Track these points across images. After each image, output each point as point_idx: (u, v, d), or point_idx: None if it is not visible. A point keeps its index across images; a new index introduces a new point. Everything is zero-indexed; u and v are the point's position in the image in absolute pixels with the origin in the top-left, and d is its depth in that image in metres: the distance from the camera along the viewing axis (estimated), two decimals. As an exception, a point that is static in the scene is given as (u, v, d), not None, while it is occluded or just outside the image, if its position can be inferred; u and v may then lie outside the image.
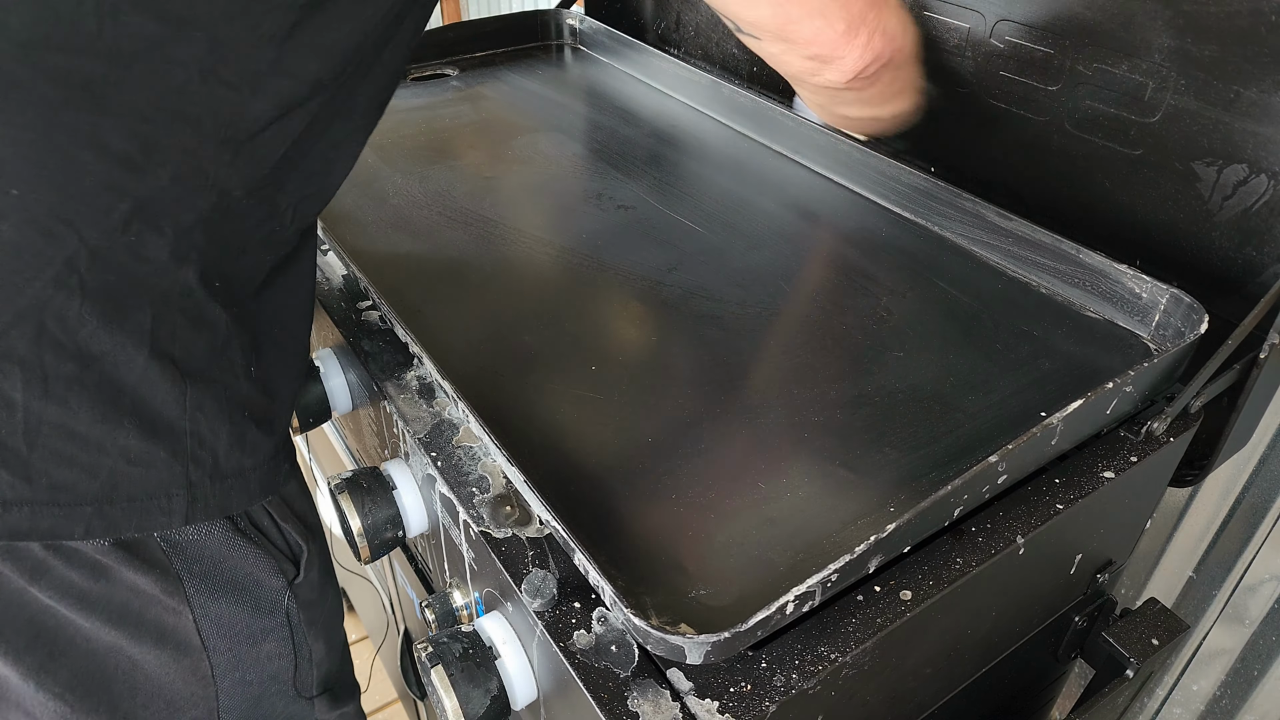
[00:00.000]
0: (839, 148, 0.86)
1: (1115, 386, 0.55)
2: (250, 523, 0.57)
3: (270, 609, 0.60)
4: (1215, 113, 0.64)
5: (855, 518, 0.52)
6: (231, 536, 0.56)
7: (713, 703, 0.44)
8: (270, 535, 0.59)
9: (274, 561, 0.59)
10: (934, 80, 0.79)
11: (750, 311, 0.70)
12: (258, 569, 0.58)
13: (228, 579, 0.57)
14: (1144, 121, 0.69)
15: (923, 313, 0.70)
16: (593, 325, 0.69)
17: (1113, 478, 0.57)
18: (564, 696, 0.48)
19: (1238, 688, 1.02)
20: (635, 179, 0.88)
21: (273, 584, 0.59)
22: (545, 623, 0.47)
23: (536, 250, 0.78)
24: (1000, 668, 0.64)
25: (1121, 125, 0.71)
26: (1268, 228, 0.64)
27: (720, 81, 0.98)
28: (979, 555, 0.51)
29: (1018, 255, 0.74)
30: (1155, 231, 0.71)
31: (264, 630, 0.60)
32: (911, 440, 0.58)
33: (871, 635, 0.47)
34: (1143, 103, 0.68)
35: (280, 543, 0.60)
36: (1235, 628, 0.99)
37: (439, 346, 0.66)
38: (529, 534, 0.52)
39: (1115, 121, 0.71)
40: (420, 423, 0.60)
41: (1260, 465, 0.91)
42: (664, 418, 0.60)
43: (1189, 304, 0.63)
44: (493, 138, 0.97)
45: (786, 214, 0.83)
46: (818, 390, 0.62)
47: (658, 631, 0.42)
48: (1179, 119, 0.67)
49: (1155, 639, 0.67)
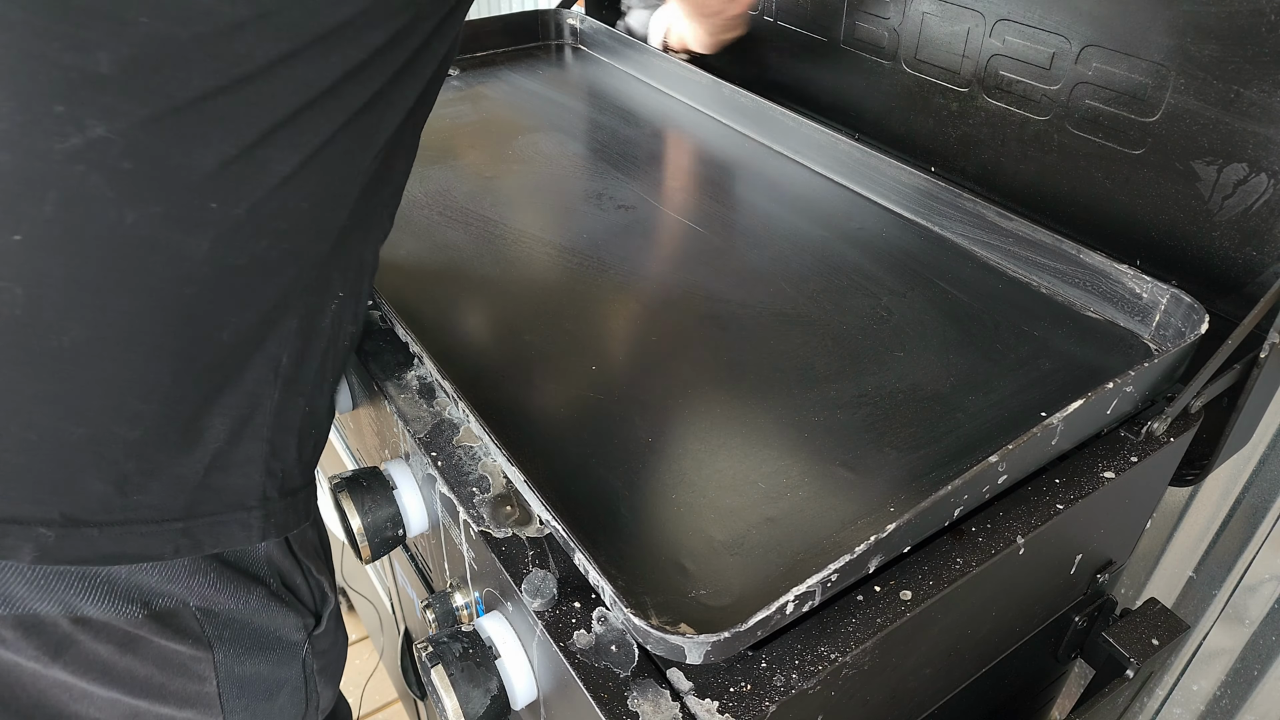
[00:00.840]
0: (839, 148, 0.86)
1: (1115, 386, 0.55)
2: (283, 584, 0.56)
3: (289, 662, 0.59)
4: (1215, 112, 0.64)
5: (855, 518, 0.52)
6: (267, 601, 0.55)
7: (713, 703, 0.44)
8: (300, 593, 0.58)
9: (299, 618, 0.58)
10: (935, 80, 0.79)
11: (750, 311, 0.70)
12: (285, 627, 0.57)
13: (256, 641, 0.56)
14: (1144, 121, 0.69)
15: (923, 313, 0.70)
16: (593, 325, 0.69)
17: (1113, 478, 0.57)
18: (564, 696, 0.48)
19: (1238, 688, 1.02)
20: (635, 179, 0.88)
21: (295, 639, 0.59)
22: (545, 623, 0.47)
23: (536, 250, 0.78)
24: (1000, 668, 0.64)
25: (1121, 125, 0.71)
26: (1268, 227, 0.63)
27: (720, 81, 0.98)
28: (979, 555, 0.51)
29: (1018, 255, 0.74)
30: (1155, 231, 0.71)
31: (280, 683, 0.59)
32: (911, 440, 0.58)
33: (871, 635, 0.46)
34: (1143, 102, 0.68)
35: (308, 598, 0.59)
36: (1235, 628, 0.99)
37: (439, 346, 0.66)
38: (529, 534, 0.52)
39: (1115, 121, 0.71)
40: (420, 423, 0.60)
41: (1260, 465, 0.90)
42: (664, 418, 0.60)
43: (1189, 304, 0.63)
44: (493, 138, 0.97)
45: (786, 214, 0.83)
46: (818, 390, 0.62)
47: (658, 631, 0.42)
48: (1179, 118, 0.67)
49: (1155, 639, 0.67)
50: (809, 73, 1.00)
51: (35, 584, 0.47)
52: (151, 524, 0.47)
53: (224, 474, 0.49)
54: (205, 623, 0.53)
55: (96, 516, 0.46)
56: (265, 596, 0.55)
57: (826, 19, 0.94)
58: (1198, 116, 0.65)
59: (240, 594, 0.53)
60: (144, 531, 0.47)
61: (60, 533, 0.45)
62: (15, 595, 0.47)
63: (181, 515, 0.48)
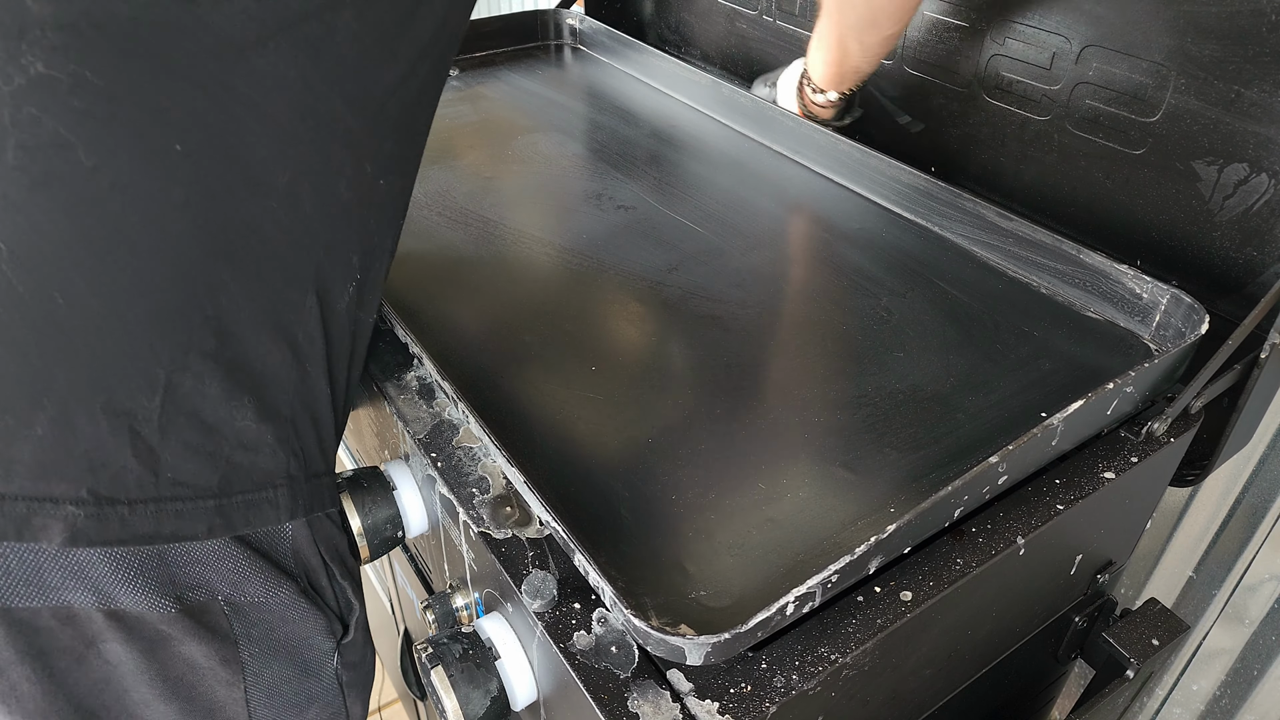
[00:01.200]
0: (839, 148, 0.86)
1: (1116, 387, 0.55)
2: (310, 583, 0.56)
3: (317, 672, 0.58)
4: (1216, 112, 0.64)
5: (855, 518, 0.52)
6: (295, 598, 0.54)
7: (713, 704, 0.43)
8: (325, 595, 0.57)
9: (327, 621, 0.57)
10: (935, 80, 0.79)
11: (750, 311, 0.70)
12: (312, 630, 0.56)
13: (283, 642, 0.55)
14: (1144, 121, 0.69)
15: (923, 313, 0.70)
16: (593, 325, 0.69)
17: (1113, 478, 0.57)
18: (564, 697, 0.48)
19: (1238, 688, 1.02)
20: (635, 179, 0.88)
21: (323, 646, 0.57)
22: (545, 623, 0.47)
23: (536, 250, 0.78)
24: (1000, 668, 0.64)
25: (1122, 125, 0.71)
26: (1268, 227, 0.63)
27: (720, 81, 0.98)
28: (979, 556, 0.51)
29: (1018, 255, 0.74)
30: (1156, 231, 0.71)
31: (310, 696, 0.58)
32: (911, 440, 0.58)
33: (872, 636, 0.46)
34: (1143, 102, 0.68)
35: (333, 601, 0.58)
36: (1235, 628, 0.99)
37: (439, 346, 0.66)
38: (529, 535, 0.52)
39: (1116, 121, 0.71)
40: (420, 423, 0.60)
41: (1260, 465, 0.90)
42: (664, 418, 0.60)
43: (1189, 304, 0.63)
44: (493, 138, 0.97)
45: (787, 214, 0.83)
46: (818, 390, 0.62)
47: (658, 632, 0.42)
48: (1179, 118, 0.67)
49: (1155, 639, 0.67)
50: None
51: (69, 570, 0.46)
52: (185, 501, 0.46)
53: (252, 453, 0.48)
54: (234, 619, 0.52)
55: (128, 494, 0.44)
56: (294, 593, 0.54)
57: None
58: (1198, 116, 0.65)
59: (269, 586, 0.53)
60: (177, 510, 0.46)
61: (91, 512, 0.44)
62: (50, 583, 0.46)
63: (215, 493, 0.47)
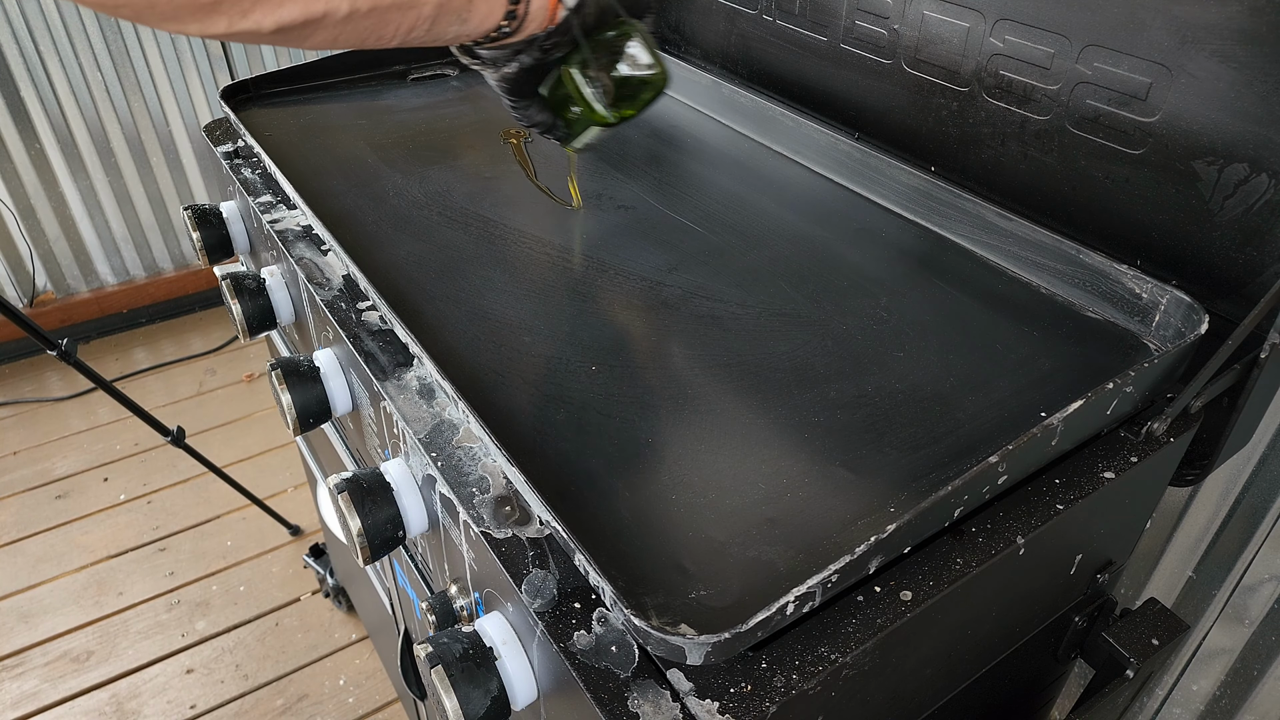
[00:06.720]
0: (839, 148, 0.86)
1: (1115, 387, 0.55)
2: None
3: None
4: (1216, 112, 0.64)
5: (855, 518, 0.52)
6: None
7: (713, 703, 0.43)
8: None
9: None
10: (935, 80, 0.79)
11: (750, 311, 0.70)
12: None
13: None
14: (1144, 121, 0.69)
15: (923, 313, 0.70)
16: (593, 325, 0.69)
17: (1113, 478, 0.57)
18: (564, 697, 0.48)
19: (1238, 688, 1.02)
20: (635, 179, 0.88)
21: None
22: (545, 623, 0.47)
23: (536, 250, 0.78)
24: (1000, 668, 0.64)
25: (1122, 125, 0.71)
26: (1268, 227, 0.63)
27: (720, 81, 0.98)
28: (979, 556, 0.51)
29: (1018, 255, 0.74)
30: (1155, 231, 0.71)
31: None
32: (911, 440, 0.58)
33: (872, 636, 0.46)
34: (1143, 102, 0.68)
35: None
36: (1235, 628, 0.99)
37: (439, 346, 0.66)
38: (529, 534, 0.52)
39: (1116, 121, 0.71)
40: (420, 423, 0.60)
41: (1260, 465, 0.90)
42: (664, 418, 0.60)
43: (1189, 304, 0.63)
44: (493, 138, 0.97)
45: (786, 214, 0.83)
46: (818, 390, 0.62)
47: (658, 632, 0.42)
48: (1180, 118, 0.67)
49: (1155, 639, 0.67)
50: (809, 73, 1.00)
51: None
52: None
53: None
54: None
55: None
56: None
57: (826, 18, 0.94)
58: (1198, 116, 0.65)
59: None
60: None
61: None
62: None
63: None
